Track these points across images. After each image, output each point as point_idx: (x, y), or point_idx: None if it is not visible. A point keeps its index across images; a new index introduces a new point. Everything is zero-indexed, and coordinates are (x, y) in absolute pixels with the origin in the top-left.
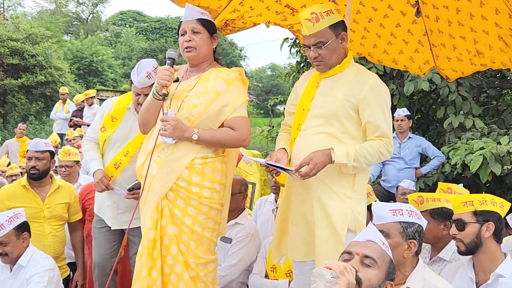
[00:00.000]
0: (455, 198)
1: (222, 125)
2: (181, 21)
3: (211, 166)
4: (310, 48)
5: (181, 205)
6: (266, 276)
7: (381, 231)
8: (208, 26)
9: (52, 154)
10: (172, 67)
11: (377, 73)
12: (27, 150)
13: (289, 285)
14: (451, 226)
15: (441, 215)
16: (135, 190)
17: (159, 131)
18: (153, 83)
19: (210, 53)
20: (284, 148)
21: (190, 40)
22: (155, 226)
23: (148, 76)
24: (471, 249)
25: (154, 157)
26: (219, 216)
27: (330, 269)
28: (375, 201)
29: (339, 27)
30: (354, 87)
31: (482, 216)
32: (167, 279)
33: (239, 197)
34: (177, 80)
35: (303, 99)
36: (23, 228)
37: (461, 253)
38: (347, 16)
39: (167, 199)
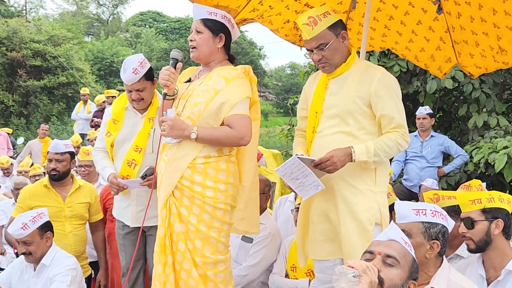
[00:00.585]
0: (462, 196)
1: (223, 123)
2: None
3: (214, 166)
4: (313, 51)
5: (187, 203)
6: (286, 276)
7: (403, 230)
8: (211, 26)
9: (73, 154)
10: (175, 67)
11: (400, 70)
12: (47, 152)
13: (309, 284)
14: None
15: (458, 212)
16: (148, 177)
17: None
18: (142, 78)
19: (214, 52)
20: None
21: (192, 40)
22: (164, 223)
23: (135, 71)
24: (481, 247)
25: (162, 156)
26: (227, 217)
27: (353, 267)
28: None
29: (338, 26)
30: (364, 83)
31: (491, 214)
32: (178, 275)
33: (261, 198)
34: (189, 81)
35: (314, 102)
36: (47, 227)
37: (470, 251)
38: (366, 14)
39: (174, 197)
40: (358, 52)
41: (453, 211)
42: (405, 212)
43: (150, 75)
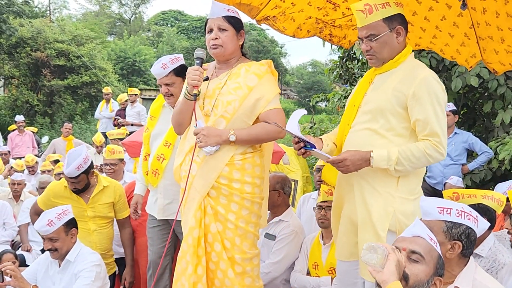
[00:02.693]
0: None
1: (257, 119)
2: (208, 19)
3: (251, 161)
4: (362, 40)
5: (224, 202)
6: (308, 274)
7: None
8: (234, 23)
9: (89, 169)
10: (201, 66)
11: None
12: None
13: (331, 282)
14: (491, 223)
15: (478, 211)
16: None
17: (196, 139)
18: (170, 73)
19: (237, 49)
20: (321, 139)
21: (216, 38)
22: (199, 224)
23: (163, 66)
24: None
25: (194, 157)
26: (261, 210)
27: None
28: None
29: (396, 20)
30: (404, 82)
31: None
32: (213, 274)
33: (274, 195)
34: (207, 79)
35: (355, 95)
36: (71, 224)
37: None
38: None
39: (209, 197)
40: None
41: (475, 209)
42: (429, 209)
43: (181, 72)
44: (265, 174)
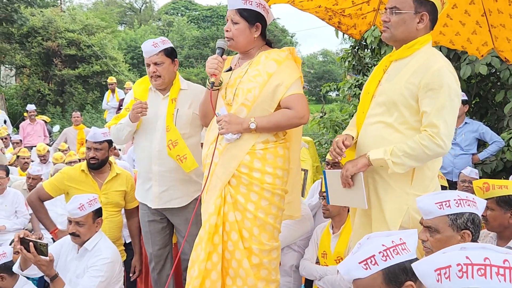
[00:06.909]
0: None
1: (278, 106)
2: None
3: (273, 152)
4: (386, 10)
5: (244, 191)
6: (317, 262)
7: (429, 227)
8: (248, 16)
9: (111, 142)
10: (221, 56)
11: None
12: (86, 140)
13: (338, 272)
14: None
15: (508, 203)
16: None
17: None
18: (160, 52)
19: (251, 42)
20: (351, 136)
21: (227, 31)
22: (218, 212)
23: (154, 45)
24: None
25: (217, 145)
26: (282, 203)
27: None
28: (446, 186)
29: (425, 6)
30: (418, 74)
31: None
32: (228, 264)
33: None
34: (230, 69)
35: (370, 83)
36: (99, 213)
37: None
38: None
39: (230, 185)
40: None
41: (504, 201)
42: (428, 207)
43: (170, 53)
44: (293, 166)
